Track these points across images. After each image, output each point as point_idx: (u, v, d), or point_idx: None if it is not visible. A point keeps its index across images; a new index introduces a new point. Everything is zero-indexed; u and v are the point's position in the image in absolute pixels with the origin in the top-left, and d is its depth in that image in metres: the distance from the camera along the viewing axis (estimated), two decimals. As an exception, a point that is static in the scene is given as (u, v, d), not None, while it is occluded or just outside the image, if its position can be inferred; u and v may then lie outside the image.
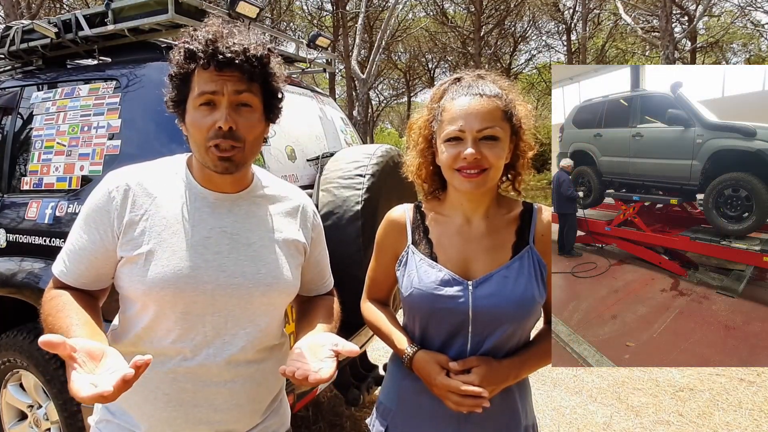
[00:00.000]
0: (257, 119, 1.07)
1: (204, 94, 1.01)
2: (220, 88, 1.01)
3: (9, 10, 9.73)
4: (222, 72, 1.01)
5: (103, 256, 1.07)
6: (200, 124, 1.02)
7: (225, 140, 1.02)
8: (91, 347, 0.84)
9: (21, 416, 2.38)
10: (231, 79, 1.01)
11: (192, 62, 1.02)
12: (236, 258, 1.08)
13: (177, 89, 1.06)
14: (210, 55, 1.00)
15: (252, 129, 1.06)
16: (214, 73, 1.01)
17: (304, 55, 3.11)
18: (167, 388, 1.05)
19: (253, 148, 1.08)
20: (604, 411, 3.13)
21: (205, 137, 1.02)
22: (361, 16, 11.96)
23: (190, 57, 1.02)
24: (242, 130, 1.03)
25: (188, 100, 1.05)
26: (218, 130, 1.01)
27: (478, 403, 1.05)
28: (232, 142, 1.02)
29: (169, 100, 1.08)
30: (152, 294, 1.03)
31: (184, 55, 1.02)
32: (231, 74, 1.01)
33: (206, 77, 1.01)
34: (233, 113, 1.02)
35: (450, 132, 1.08)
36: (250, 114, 1.05)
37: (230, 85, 1.01)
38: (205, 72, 1.01)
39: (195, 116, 1.03)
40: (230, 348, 1.07)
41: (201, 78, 1.02)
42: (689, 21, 16.20)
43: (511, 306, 1.10)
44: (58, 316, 0.99)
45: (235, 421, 1.12)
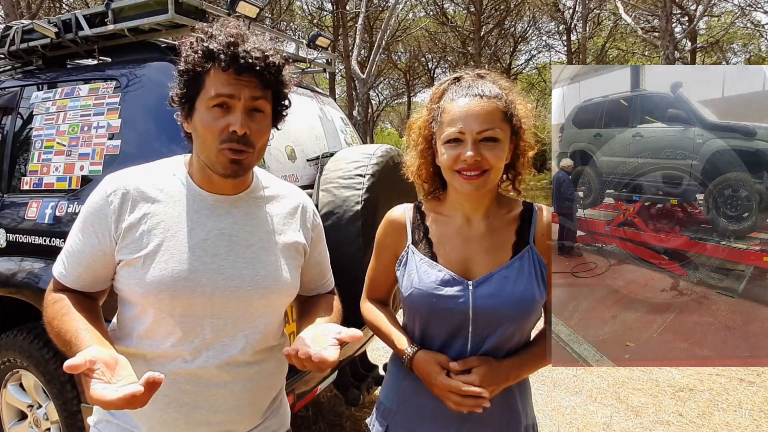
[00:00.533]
0: (267, 125, 1.08)
1: (220, 96, 1.00)
2: (238, 93, 1.00)
3: (9, 10, 9.73)
4: (240, 76, 1.00)
5: (102, 259, 1.07)
6: (213, 126, 1.01)
7: (238, 144, 1.01)
8: (106, 357, 0.85)
9: (21, 416, 2.38)
10: (248, 84, 1.01)
11: (209, 62, 1.00)
12: (234, 260, 1.08)
13: (187, 86, 1.04)
14: (231, 57, 0.99)
15: (262, 135, 1.06)
16: (233, 76, 1.00)
17: (304, 55, 3.11)
18: (167, 390, 1.05)
19: (260, 153, 1.09)
20: (604, 411, 3.13)
21: (217, 139, 1.01)
22: (361, 16, 11.96)
23: (209, 56, 1.00)
24: (254, 135, 1.03)
25: (199, 99, 1.03)
26: (232, 134, 1.00)
27: (478, 403, 1.05)
28: (243, 147, 1.02)
29: (176, 95, 1.06)
30: (150, 297, 1.03)
31: (202, 54, 1.01)
32: (249, 79, 1.01)
33: (223, 79, 1.00)
34: (247, 118, 1.02)
35: (450, 134, 1.08)
36: (262, 120, 1.05)
37: (247, 90, 1.01)
38: (223, 74, 1.00)
39: (207, 117, 1.02)
40: (229, 350, 1.07)
41: (217, 79, 1.01)
42: (689, 21, 16.20)
43: (512, 306, 1.10)
44: (64, 320, 1.00)
45: (235, 422, 1.12)
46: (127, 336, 1.10)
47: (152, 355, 1.06)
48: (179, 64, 1.05)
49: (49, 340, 2.10)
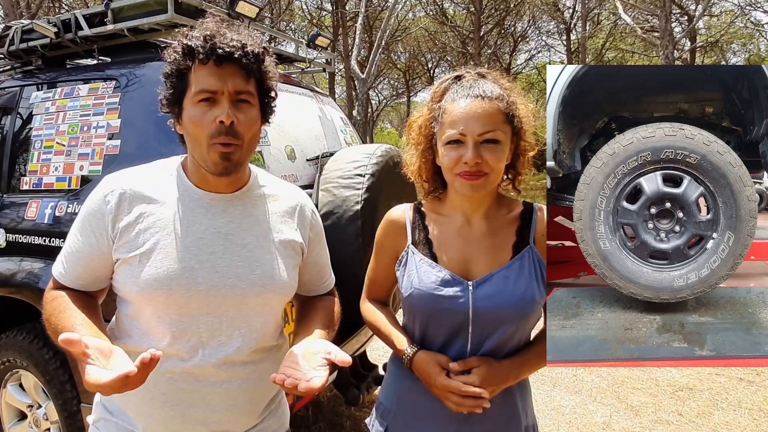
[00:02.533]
0: (255, 115, 1.07)
1: (204, 91, 1.01)
2: (221, 84, 1.01)
3: (8, 10, 9.71)
4: (221, 66, 1.01)
5: (100, 259, 1.08)
6: (201, 121, 1.01)
7: (226, 137, 1.01)
8: (101, 345, 0.86)
9: (21, 416, 2.38)
10: (230, 74, 1.01)
11: (190, 58, 1.01)
12: (230, 259, 1.08)
13: (173, 87, 1.05)
14: (209, 49, 1.00)
15: (251, 126, 1.05)
16: (214, 67, 1.01)
17: (303, 54, 3.11)
18: (164, 388, 1.05)
19: (251, 146, 1.08)
20: (603, 410, 3.13)
21: (207, 134, 1.02)
22: (361, 15, 11.96)
23: (188, 53, 1.01)
24: (242, 125, 1.03)
25: (185, 98, 1.04)
26: (220, 125, 1.00)
27: (478, 403, 1.05)
28: (232, 139, 1.02)
29: (164, 98, 1.07)
30: (146, 295, 1.03)
31: (181, 52, 1.02)
32: (230, 69, 1.01)
33: (205, 72, 1.01)
34: (233, 108, 1.02)
35: (450, 135, 1.07)
36: (248, 109, 1.05)
37: (230, 80, 1.01)
38: (204, 67, 1.01)
39: (194, 113, 1.02)
40: (226, 349, 1.07)
41: (200, 74, 1.01)
42: (689, 21, 16.20)
43: (512, 306, 1.10)
44: (61, 316, 1.00)
45: (232, 422, 1.12)
46: (124, 334, 1.10)
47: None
48: (165, 68, 1.06)
49: (48, 340, 2.11)
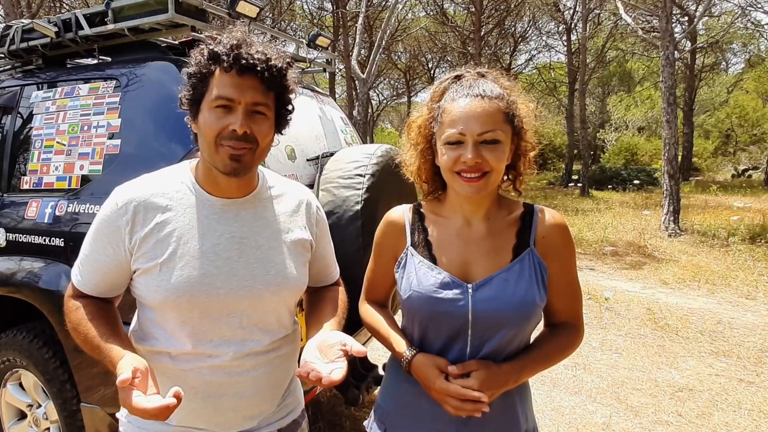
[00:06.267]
0: (269, 127, 1.10)
1: (222, 97, 1.04)
2: (239, 94, 1.04)
3: (9, 10, 9.70)
4: (242, 77, 1.03)
5: (117, 269, 1.12)
6: (214, 125, 1.05)
7: (238, 142, 1.05)
8: (140, 366, 0.93)
9: (20, 416, 2.38)
10: (250, 85, 1.04)
11: (214, 64, 1.05)
12: (246, 262, 1.13)
13: (194, 88, 1.08)
14: (233, 59, 1.03)
15: (265, 136, 1.09)
16: (235, 77, 1.04)
17: (304, 54, 3.11)
18: (193, 382, 1.12)
19: (263, 153, 1.12)
20: (603, 411, 3.13)
21: (217, 136, 1.05)
22: (361, 15, 11.93)
23: (213, 58, 1.05)
24: (256, 134, 1.07)
25: (204, 101, 1.07)
26: (232, 132, 1.04)
27: (477, 407, 1.04)
28: (244, 144, 1.05)
29: (184, 98, 1.10)
30: (169, 302, 1.08)
31: (207, 56, 1.05)
32: (251, 81, 1.04)
33: (226, 80, 1.04)
34: (248, 119, 1.05)
35: (450, 135, 1.06)
36: (263, 121, 1.08)
37: (249, 91, 1.04)
38: (226, 75, 1.04)
39: (209, 117, 1.06)
40: (248, 344, 1.14)
41: (221, 80, 1.05)
42: (689, 21, 16.21)
43: (512, 310, 1.08)
44: (89, 326, 1.07)
45: (259, 406, 1.20)
46: (150, 336, 1.15)
47: (176, 353, 1.12)
48: (188, 68, 1.09)
49: (48, 339, 2.12)
